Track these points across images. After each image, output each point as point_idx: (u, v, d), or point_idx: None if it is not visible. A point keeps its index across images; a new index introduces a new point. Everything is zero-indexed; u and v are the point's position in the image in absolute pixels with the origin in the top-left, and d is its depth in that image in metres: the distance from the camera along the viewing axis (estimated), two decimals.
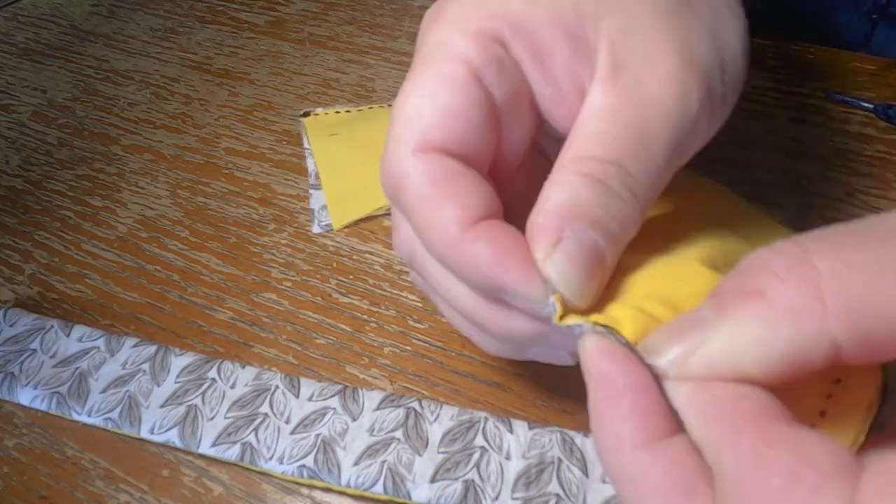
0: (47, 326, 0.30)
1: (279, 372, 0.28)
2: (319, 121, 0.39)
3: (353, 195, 0.35)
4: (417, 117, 0.18)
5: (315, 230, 0.33)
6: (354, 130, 0.38)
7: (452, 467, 0.24)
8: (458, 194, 0.18)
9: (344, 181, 0.35)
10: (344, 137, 0.38)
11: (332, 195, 0.35)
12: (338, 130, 0.38)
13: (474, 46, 0.19)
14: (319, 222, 0.34)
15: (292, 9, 0.51)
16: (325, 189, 0.35)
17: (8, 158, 0.41)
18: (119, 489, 0.25)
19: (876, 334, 0.12)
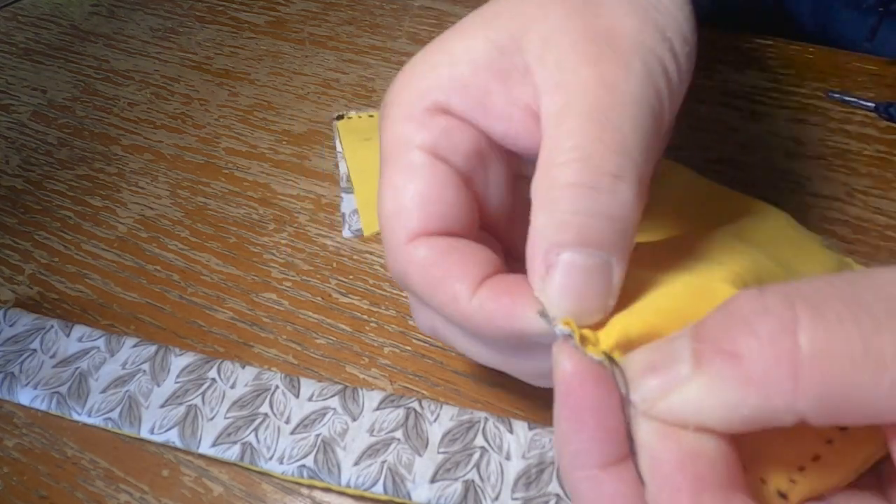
0: (47, 326, 0.30)
1: (279, 372, 0.28)
2: (353, 125, 0.39)
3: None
4: (397, 213, 0.20)
5: (346, 234, 0.33)
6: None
7: (452, 467, 0.24)
8: (455, 269, 0.19)
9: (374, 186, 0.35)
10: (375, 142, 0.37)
11: (364, 201, 0.34)
12: (371, 135, 0.38)
13: (420, 129, 0.20)
14: (350, 227, 0.34)
15: (292, 9, 0.51)
16: (356, 194, 0.35)
17: (8, 158, 0.41)
18: (119, 489, 0.25)
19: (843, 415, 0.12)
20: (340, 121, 0.39)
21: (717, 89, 0.38)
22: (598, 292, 0.16)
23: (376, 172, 0.33)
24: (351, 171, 0.36)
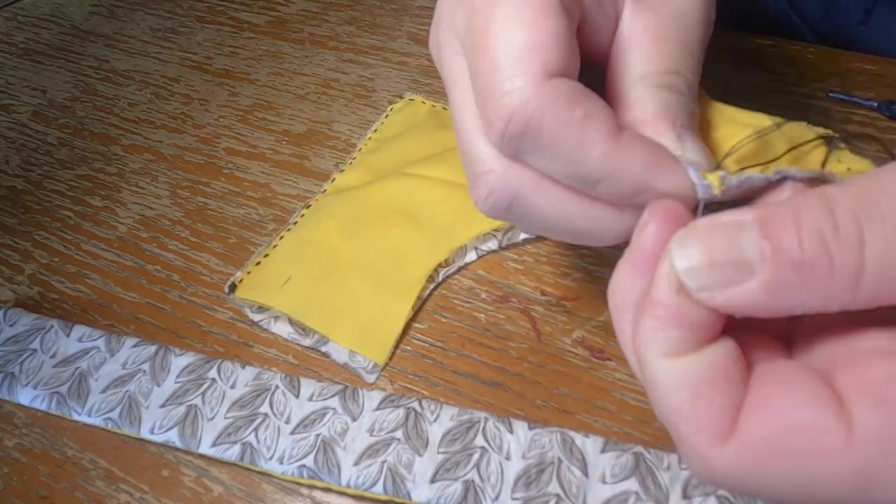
0: (47, 326, 0.30)
1: (279, 372, 0.28)
2: (251, 283, 0.31)
3: (369, 323, 0.29)
4: (532, 48, 0.19)
5: (370, 380, 0.28)
6: (302, 264, 0.31)
7: (452, 467, 0.24)
8: (597, 108, 0.19)
9: (345, 317, 0.29)
10: (299, 278, 0.31)
11: (349, 339, 0.29)
12: (285, 275, 0.31)
13: None
14: (365, 370, 0.28)
15: (292, 9, 0.51)
16: (334, 338, 0.29)
17: (8, 158, 0.41)
18: (119, 489, 0.25)
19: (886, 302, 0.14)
20: (235, 291, 0.31)
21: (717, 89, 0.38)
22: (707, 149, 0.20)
23: (327, 303, 0.30)
24: (304, 321, 0.29)
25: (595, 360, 0.27)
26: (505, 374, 0.27)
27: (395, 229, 0.32)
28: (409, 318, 0.29)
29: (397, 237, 0.31)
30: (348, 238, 0.32)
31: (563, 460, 0.24)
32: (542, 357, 0.28)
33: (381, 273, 0.30)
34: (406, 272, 0.30)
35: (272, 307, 0.30)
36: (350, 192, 0.34)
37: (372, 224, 0.32)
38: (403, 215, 0.32)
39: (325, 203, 0.34)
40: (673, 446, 0.24)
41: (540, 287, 0.30)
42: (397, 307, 0.29)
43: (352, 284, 0.30)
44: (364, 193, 0.34)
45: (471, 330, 0.29)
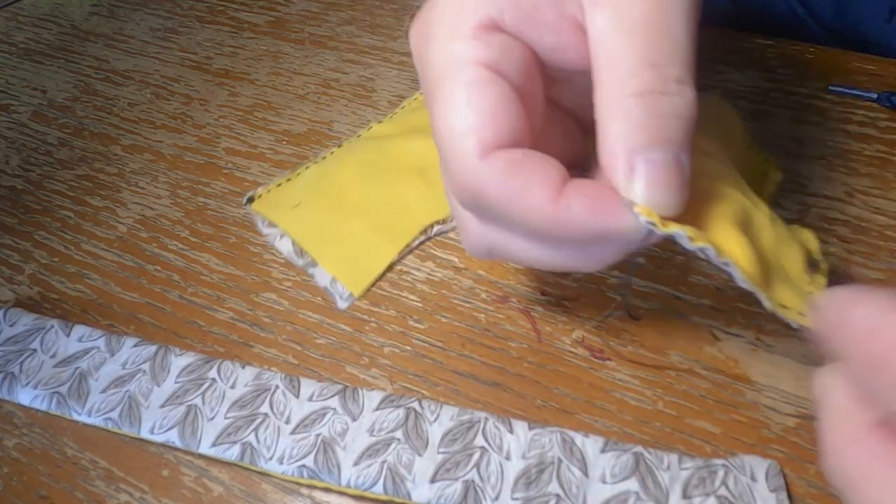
0: (47, 326, 0.30)
1: (279, 372, 0.28)
2: (268, 200, 0.35)
3: (356, 257, 0.32)
4: (467, 130, 0.20)
5: (342, 306, 0.30)
6: (314, 194, 0.34)
7: (452, 467, 0.24)
8: (536, 176, 0.19)
9: (337, 247, 0.32)
10: (308, 205, 0.34)
11: (335, 267, 0.31)
12: (297, 200, 0.34)
13: (478, 45, 0.20)
14: (340, 297, 0.30)
15: (292, 9, 0.51)
16: (322, 264, 0.32)
17: (8, 158, 0.41)
18: (119, 489, 0.25)
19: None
20: (253, 203, 0.35)
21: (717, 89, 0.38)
22: (677, 184, 0.18)
23: (328, 233, 0.33)
24: (302, 244, 0.32)
25: (595, 360, 0.27)
26: (505, 374, 0.27)
27: (406, 182, 0.34)
28: (393, 261, 0.32)
29: (405, 189, 0.34)
30: (361, 180, 0.34)
31: (563, 460, 0.24)
32: (542, 357, 0.28)
33: (381, 217, 0.33)
34: (403, 221, 0.33)
35: (278, 225, 0.33)
36: (378, 140, 0.37)
37: (386, 173, 0.34)
38: (417, 171, 0.34)
39: (353, 146, 0.37)
40: (673, 446, 0.24)
41: (540, 287, 0.30)
42: (385, 249, 0.32)
43: (351, 222, 0.33)
44: (389, 144, 0.36)
45: (471, 330, 0.29)
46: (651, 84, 0.18)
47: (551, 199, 0.19)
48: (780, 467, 0.23)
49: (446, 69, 0.20)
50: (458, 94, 0.20)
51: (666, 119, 0.18)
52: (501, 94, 0.20)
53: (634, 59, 0.18)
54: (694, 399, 0.26)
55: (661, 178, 0.18)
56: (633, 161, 0.18)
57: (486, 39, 0.20)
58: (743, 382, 0.26)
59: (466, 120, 0.20)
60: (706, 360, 0.27)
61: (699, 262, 0.30)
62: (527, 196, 0.19)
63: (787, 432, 0.24)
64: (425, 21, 0.21)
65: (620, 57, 0.19)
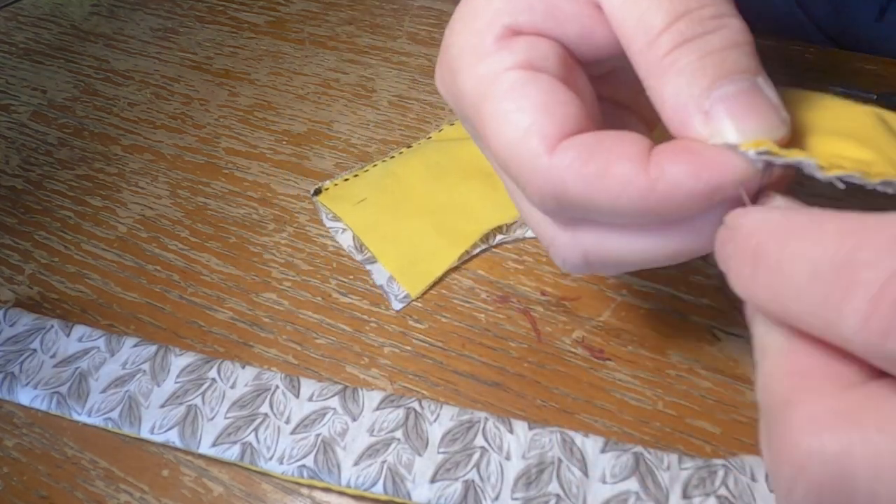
0: (47, 326, 0.30)
1: (279, 372, 0.28)
2: (335, 193, 0.35)
3: (416, 258, 0.31)
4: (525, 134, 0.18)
5: (396, 307, 0.30)
6: (379, 191, 0.35)
7: (452, 467, 0.24)
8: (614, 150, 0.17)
9: (398, 246, 0.32)
10: (372, 201, 0.34)
11: (394, 265, 0.31)
12: (362, 195, 0.35)
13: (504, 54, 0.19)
14: (396, 297, 0.30)
15: (292, 9, 0.51)
16: (382, 261, 0.32)
17: (8, 158, 0.41)
18: (119, 489, 0.25)
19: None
20: (320, 195, 0.35)
21: None
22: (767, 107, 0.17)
23: (390, 231, 0.33)
24: (363, 240, 0.33)
25: (595, 360, 0.27)
26: (505, 374, 0.27)
27: (471, 185, 0.34)
28: (453, 266, 0.31)
29: (470, 193, 0.34)
30: (427, 181, 0.35)
31: (563, 460, 0.24)
32: (542, 357, 0.28)
33: (443, 219, 0.33)
34: (465, 225, 0.32)
35: (342, 219, 0.34)
36: (447, 142, 0.38)
37: (452, 174, 0.35)
38: (483, 175, 0.34)
39: (422, 147, 0.38)
40: (673, 446, 0.24)
41: (540, 287, 0.30)
42: (445, 252, 0.32)
43: (414, 221, 0.33)
44: (457, 147, 0.36)
45: (471, 330, 0.29)
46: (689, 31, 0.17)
47: (640, 172, 0.17)
48: None
49: (482, 90, 0.19)
50: (502, 104, 0.19)
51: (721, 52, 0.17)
52: (546, 86, 0.19)
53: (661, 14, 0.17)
54: (694, 399, 0.26)
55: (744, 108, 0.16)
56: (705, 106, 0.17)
57: (511, 45, 0.19)
58: (743, 382, 0.26)
59: (520, 124, 0.18)
60: (706, 360, 0.27)
61: (699, 262, 0.30)
62: (611, 176, 0.17)
63: None
64: (446, 61, 0.21)
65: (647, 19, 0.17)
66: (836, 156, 0.17)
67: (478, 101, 0.19)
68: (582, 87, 0.20)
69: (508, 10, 0.19)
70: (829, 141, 0.17)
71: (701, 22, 0.17)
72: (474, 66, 0.19)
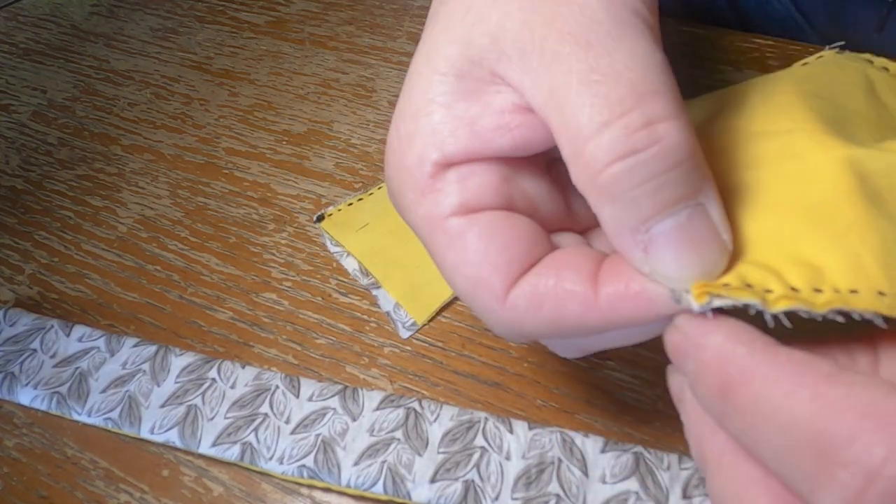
0: (47, 326, 0.30)
1: (279, 372, 0.28)
2: (337, 219, 0.35)
3: (421, 283, 0.31)
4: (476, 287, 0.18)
5: (404, 335, 0.29)
6: (381, 216, 0.34)
7: (452, 467, 0.24)
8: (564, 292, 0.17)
9: (402, 271, 0.31)
10: (375, 227, 0.34)
11: (399, 292, 0.31)
12: (364, 221, 0.34)
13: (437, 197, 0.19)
14: (403, 325, 0.29)
15: (292, 9, 0.51)
16: (387, 288, 0.31)
17: (8, 158, 0.41)
18: (119, 489, 0.25)
19: None
20: (323, 221, 0.35)
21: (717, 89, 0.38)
22: (706, 238, 0.16)
23: (394, 257, 0.32)
24: (367, 266, 0.32)
25: (595, 360, 0.27)
26: (505, 374, 0.27)
27: None
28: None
29: None
30: None
31: (563, 460, 0.24)
32: (542, 357, 0.28)
33: None
34: None
35: (344, 246, 0.33)
36: None
37: None
38: None
39: None
40: (673, 446, 0.24)
41: None
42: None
43: (417, 246, 0.31)
44: None
45: (471, 330, 0.29)
46: (617, 147, 0.15)
47: (589, 308, 0.17)
48: None
49: (425, 234, 0.19)
50: (448, 256, 0.19)
51: (655, 180, 0.15)
52: (487, 231, 0.18)
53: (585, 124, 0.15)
54: None
55: (683, 242, 0.15)
56: (643, 240, 0.16)
57: (443, 186, 0.18)
58: None
59: (468, 280, 0.18)
60: None
61: None
62: (564, 319, 0.17)
63: None
64: (391, 190, 0.20)
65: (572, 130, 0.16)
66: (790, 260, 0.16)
67: (425, 242, 0.19)
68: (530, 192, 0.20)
69: (434, 143, 0.18)
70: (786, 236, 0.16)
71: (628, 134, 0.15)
72: (416, 206, 0.19)
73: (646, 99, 0.15)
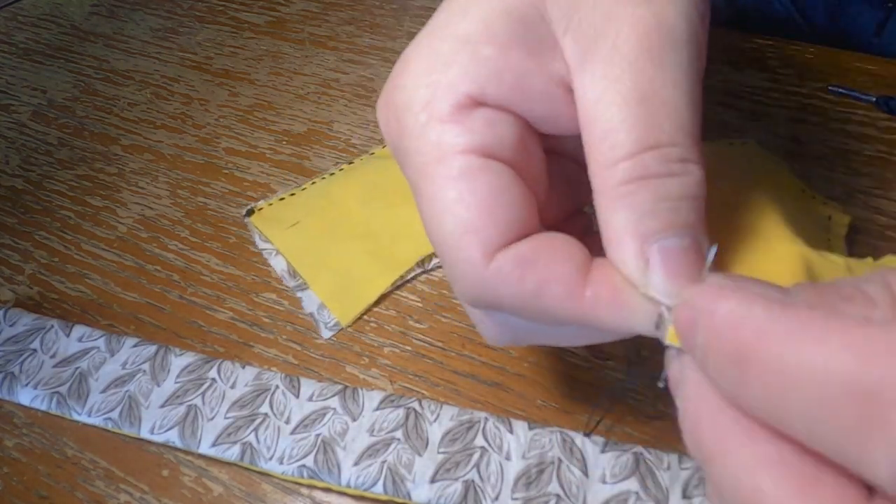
0: (47, 326, 0.30)
1: (279, 372, 0.28)
2: (268, 214, 0.34)
3: (349, 284, 0.31)
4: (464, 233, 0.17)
5: (325, 335, 0.29)
6: (314, 214, 0.34)
7: (452, 467, 0.24)
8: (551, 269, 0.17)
9: (330, 272, 0.31)
10: (306, 225, 0.33)
11: (325, 293, 0.30)
12: (296, 218, 0.33)
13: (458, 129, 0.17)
14: (326, 325, 0.29)
15: (292, 9, 0.51)
16: (314, 288, 0.31)
17: (8, 158, 0.41)
18: (119, 489, 0.25)
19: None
20: (252, 216, 0.34)
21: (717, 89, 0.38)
22: (695, 271, 0.16)
23: (322, 257, 0.32)
24: (294, 264, 0.31)
25: (595, 360, 0.27)
26: (505, 374, 0.27)
27: (408, 208, 0.32)
28: (386, 292, 0.30)
29: (406, 216, 0.32)
30: (362, 204, 0.33)
31: (563, 460, 0.24)
32: (542, 357, 0.28)
33: (378, 244, 0.32)
34: (401, 250, 0.31)
35: (273, 243, 0.32)
36: (389, 160, 0.36)
37: (388, 197, 0.33)
38: None
39: (361, 164, 0.37)
40: (673, 446, 0.24)
41: None
42: (379, 279, 0.31)
43: (348, 246, 0.32)
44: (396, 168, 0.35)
45: (471, 330, 0.29)
46: (654, 167, 0.16)
47: (572, 296, 0.17)
48: None
49: (429, 162, 0.18)
50: (448, 192, 0.17)
51: (676, 202, 0.16)
52: (497, 181, 0.17)
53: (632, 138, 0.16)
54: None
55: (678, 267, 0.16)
56: (647, 251, 0.16)
57: (469, 121, 0.17)
58: None
59: (462, 222, 0.17)
60: None
61: None
62: (544, 296, 0.17)
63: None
64: (393, 104, 0.19)
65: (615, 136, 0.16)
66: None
67: (422, 172, 0.18)
68: (534, 165, 0.19)
69: (474, 76, 0.17)
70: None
71: (667, 162, 0.16)
72: (424, 129, 0.18)
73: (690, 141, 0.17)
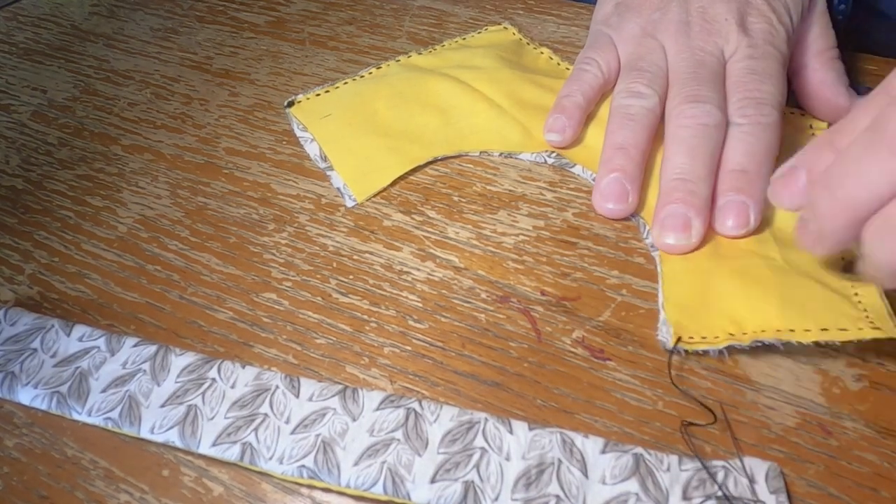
0: (48, 326, 0.30)
1: (279, 372, 0.28)
2: (306, 106, 0.40)
3: (368, 170, 0.36)
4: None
5: (349, 204, 0.35)
6: (345, 109, 0.40)
7: (452, 468, 0.24)
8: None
9: (353, 158, 0.37)
10: (337, 117, 0.39)
11: (347, 174, 0.36)
12: (329, 111, 0.40)
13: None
14: (349, 198, 0.35)
15: (292, 9, 0.51)
16: (338, 170, 0.37)
17: (8, 158, 0.41)
18: (119, 489, 0.25)
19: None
20: (292, 107, 0.40)
21: None
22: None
23: (348, 145, 0.38)
24: (324, 149, 0.38)
25: (595, 360, 0.27)
26: (505, 374, 0.27)
27: (427, 117, 0.39)
28: (398, 177, 0.36)
29: (425, 123, 0.38)
30: (388, 106, 0.39)
31: (563, 461, 0.24)
32: (542, 357, 0.28)
33: (397, 143, 0.38)
34: (415, 150, 0.37)
35: (308, 129, 0.39)
36: (413, 70, 0.42)
37: (411, 104, 0.39)
38: (440, 110, 0.39)
39: (390, 70, 0.43)
40: (673, 447, 0.24)
41: (540, 287, 0.30)
42: (393, 168, 0.36)
43: (371, 140, 0.38)
44: (421, 77, 0.41)
45: (471, 330, 0.29)
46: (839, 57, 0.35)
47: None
48: (781, 469, 0.23)
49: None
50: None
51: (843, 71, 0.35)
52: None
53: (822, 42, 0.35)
54: (694, 399, 0.26)
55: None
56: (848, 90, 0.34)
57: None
58: (743, 382, 0.26)
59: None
60: (706, 360, 0.27)
61: None
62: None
63: (787, 432, 0.25)
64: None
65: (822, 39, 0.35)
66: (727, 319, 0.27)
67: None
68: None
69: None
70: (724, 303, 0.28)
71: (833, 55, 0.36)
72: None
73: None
